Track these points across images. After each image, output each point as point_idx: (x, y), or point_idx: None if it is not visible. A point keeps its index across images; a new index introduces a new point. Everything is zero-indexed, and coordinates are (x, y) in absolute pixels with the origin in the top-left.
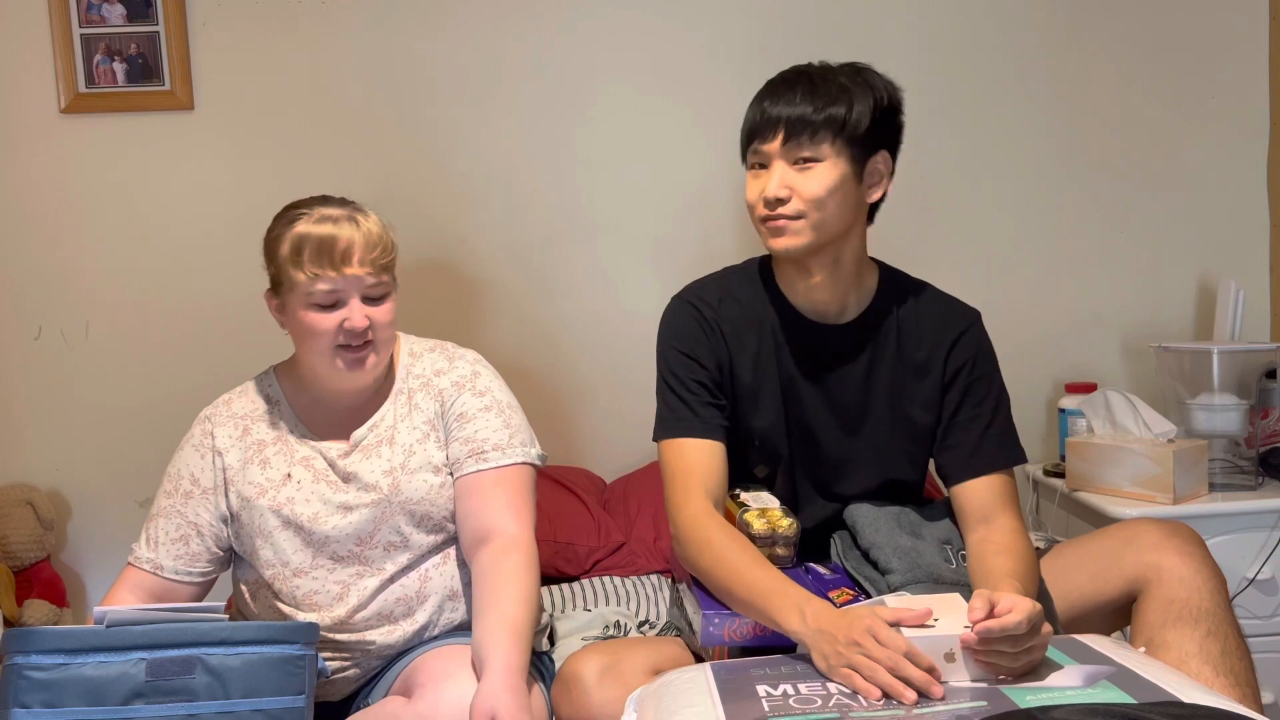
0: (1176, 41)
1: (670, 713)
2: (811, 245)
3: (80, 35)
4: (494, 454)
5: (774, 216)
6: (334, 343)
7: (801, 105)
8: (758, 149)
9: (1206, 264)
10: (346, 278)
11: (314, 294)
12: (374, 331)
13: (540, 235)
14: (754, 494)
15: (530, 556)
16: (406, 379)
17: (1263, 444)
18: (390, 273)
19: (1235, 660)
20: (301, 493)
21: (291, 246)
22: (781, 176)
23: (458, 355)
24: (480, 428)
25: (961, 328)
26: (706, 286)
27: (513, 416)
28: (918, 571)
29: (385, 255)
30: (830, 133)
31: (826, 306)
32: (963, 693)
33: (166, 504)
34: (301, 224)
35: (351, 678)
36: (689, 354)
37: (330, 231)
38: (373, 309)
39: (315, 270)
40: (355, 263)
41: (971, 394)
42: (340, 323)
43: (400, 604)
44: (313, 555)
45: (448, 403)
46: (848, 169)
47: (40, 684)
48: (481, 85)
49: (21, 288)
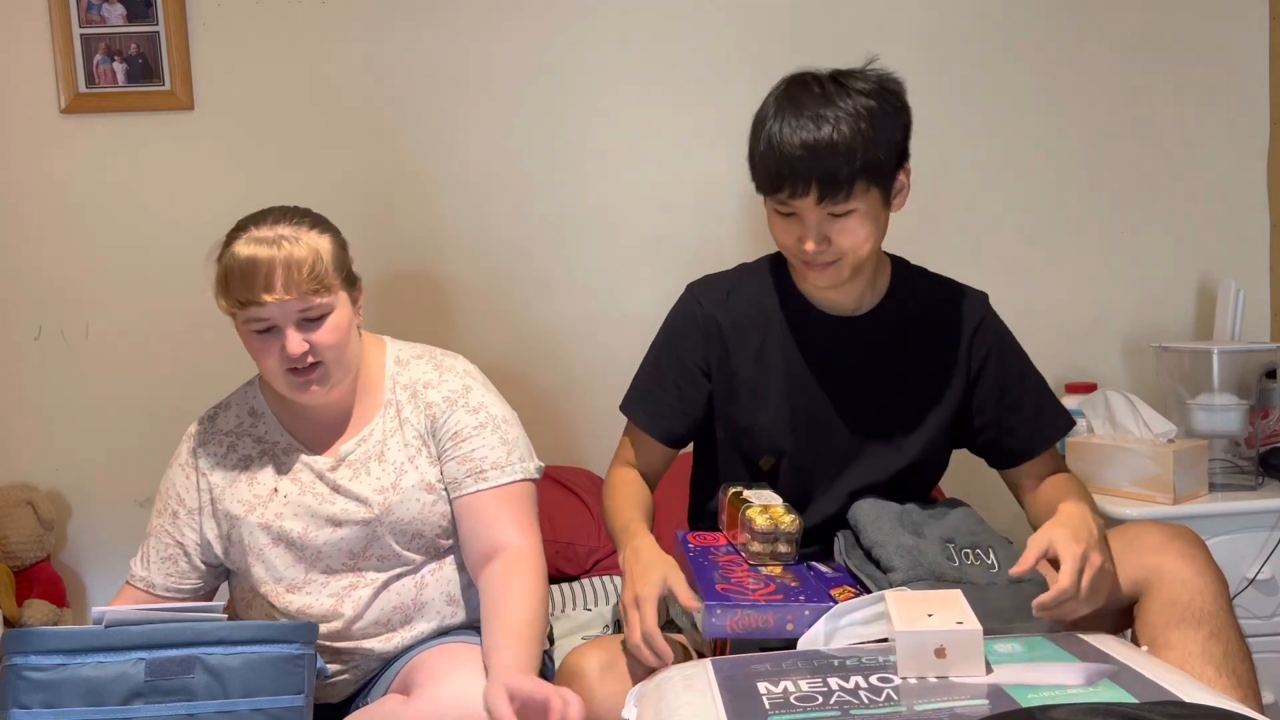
0: (1176, 41)
1: (671, 709)
2: (849, 278)
3: (80, 35)
4: (494, 473)
5: (812, 264)
6: (282, 367)
7: (830, 160)
8: (787, 202)
9: (1206, 264)
10: (270, 305)
11: (248, 322)
12: (318, 354)
13: (541, 235)
14: (757, 491)
15: (540, 570)
16: (394, 389)
17: (1263, 444)
18: (330, 292)
19: (1237, 663)
20: (289, 507)
21: (219, 275)
22: (818, 229)
23: (446, 366)
24: (477, 446)
25: (979, 315)
26: (717, 282)
27: (509, 431)
28: (919, 569)
29: (316, 278)
30: (864, 183)
31: (844, 302)
32: (964, 691)
33: (156, 523)
34: (235, 246)
35: (350, 680)
36: (677, 351)
37: (251, 254)
38: (312, 332)
39: (239, 299)
40: (279, 288)
41: (1010, 376)
42: (280, 349)
43: (398, 612)
44: (305, 570)
45: (439, 419)
46: (878, 202)
47: (39, 684)
48: (481, 85)
49: (21, 288)
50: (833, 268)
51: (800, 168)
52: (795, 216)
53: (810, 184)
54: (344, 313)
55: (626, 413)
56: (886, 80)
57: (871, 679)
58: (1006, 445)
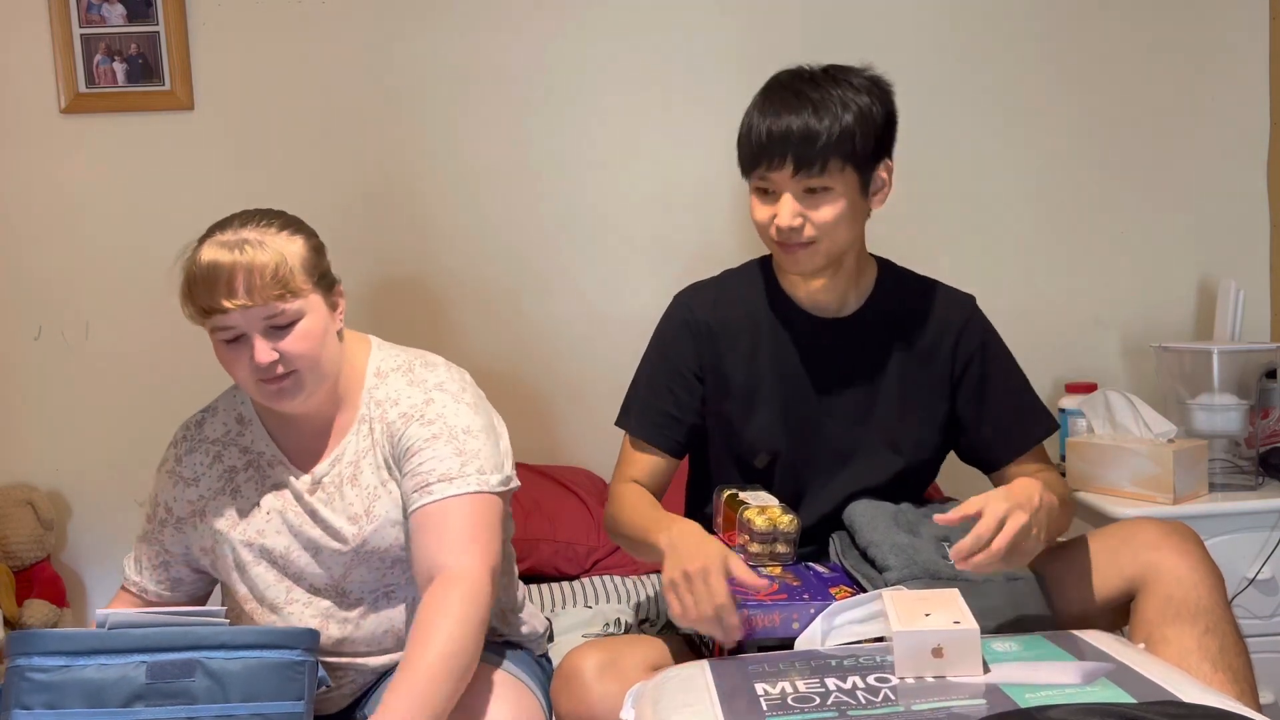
0: (1176, 42)
1: (669, 709)
2: (825, 264)
3: (80, 35)
4: (440, 485)
5: (788, 245)
6: (254, 377)
7: (807, 134)
8: (765, 176)
9: (1206, 264)
10: (233, 313)
11: (215, 331)
12: (288, 363)
13: (539, 235)
14: (752, 492)
15: (474, 594)
16: (369, 404)
17: (1263, 444)
18: (298, 297)
19: (1233, 657)
20: (272, 524)
21: (183, 282)
22: (793, 206)
23: (419, 379)
24: (427, 459)
25: (965, 316)
26: (704, 288)
27: (469, 442)
28: (915, 568)
29: (280, 282)
30: (839, 160)
31: (828, 302)
32: (962, 690)
33: (147, 528)
34: (199, 252)
35: (347, 694)
36: (671, 359)
37: (212, 259)
38: (281, 341)
39: (202, 306)
40: (241, 294)
41: (992, 379)
42: (249, 359)
43: (389, 635)
44: (288, 589)
45: (396, 438)
46: (856, 188)
47: (42, 686)
48: (481, 85)
49: (21, 288)
50: (808, 251)
51: (778, 139)
52: (773, 195)
53: (786, 156)
54: (316, 318)
55: (625, 427)
56: (878, 80)
57: (869, 679)
58: (985, 448)
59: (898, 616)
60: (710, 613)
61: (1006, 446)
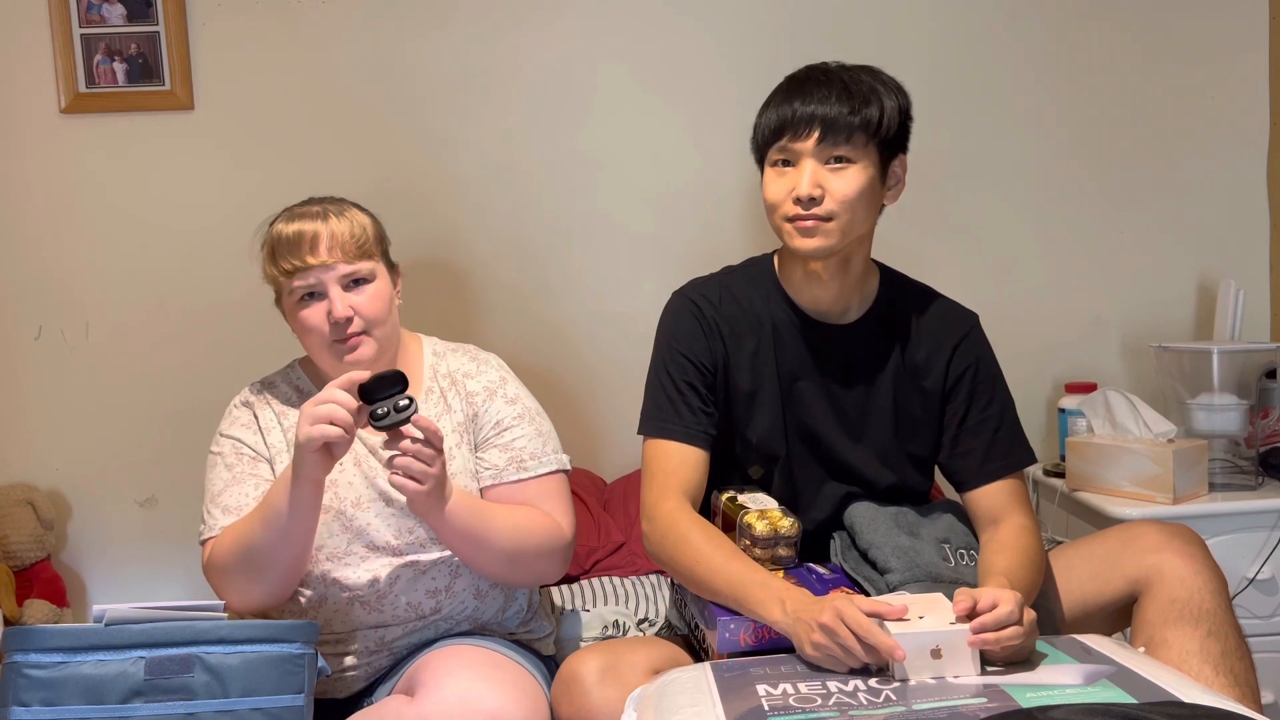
0: (1176, 42)
1: (670, 712)
2: (838, 247)
3: (80, 35)
4: (532, 463)
5: (804, 216)
6: (328, 338)
7: (837, 105)
8: (787, 146)
9: (1206, 264)
10: (315, 267)
11: (294, 290)
12: (361, 323)
13: (540, 234)
14: (751, 495)
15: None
16: (434, 377)
17: (1263, 444)
18: (371, 259)
19: (1235, 661)
20: (344, 475)
21: (268, 250)
22: (814, 174)
23: (482, 359)
24: (518, 436)
25: (962, 331)
26: (708, 284)
27: (543, 424)
28: (916, 570)
29: (359, 244)
30: (864, 134)
31: (831, 307)
32: (963, 690)
33: (231, 474)
34: (278, 225)
35: (359, 676)
36: (686, 354)
37: (298, 228)
38: (355, 297)
39: (286, 265)
40: (323, 252)
41: (978, 400)
42: (326, 314)
43: (430, 597)
44: (348, 541)
45: (480, 408)
46: (875, 171)
47: (40, 682)
48: (482, 84)
49: (21, 288)
50: (823, 229)
51: (805, 108)
52: (792, 168)
53: (814, 123)
54: (386, 285)
55: (657, 434)
56: (897, 81)
57: (870, 680)
58: (958, 468)
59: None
60: (861, 649)
61: (978, 473)
